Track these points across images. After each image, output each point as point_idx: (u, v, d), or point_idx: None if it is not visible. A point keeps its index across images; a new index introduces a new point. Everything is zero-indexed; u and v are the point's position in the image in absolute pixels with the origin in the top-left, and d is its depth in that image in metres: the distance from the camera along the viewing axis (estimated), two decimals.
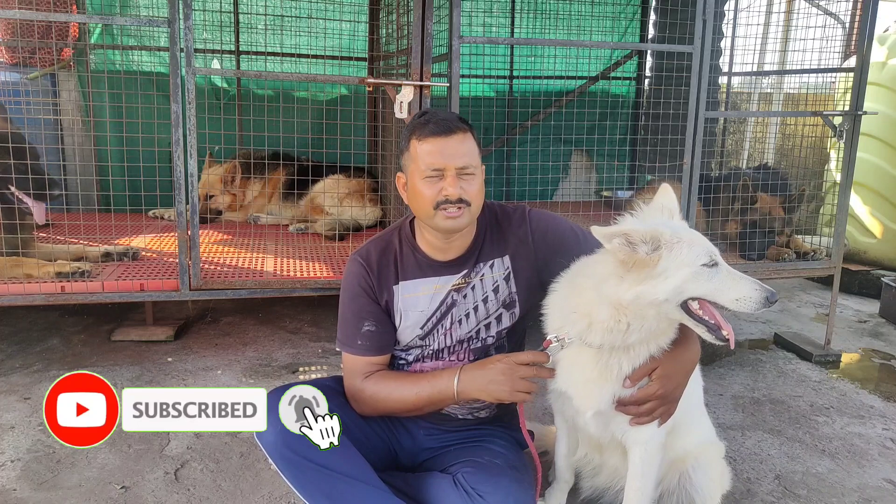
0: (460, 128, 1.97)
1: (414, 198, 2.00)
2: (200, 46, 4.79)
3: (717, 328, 1.74)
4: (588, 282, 1.84)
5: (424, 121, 1.98)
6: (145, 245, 3.75)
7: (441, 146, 1.94)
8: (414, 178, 1.98)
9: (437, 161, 1.93)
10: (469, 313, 2.13)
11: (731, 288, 1.71)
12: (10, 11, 2.84)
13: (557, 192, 5.41)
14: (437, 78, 3.15)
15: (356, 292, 2.09)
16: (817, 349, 3.78)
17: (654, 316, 1.74)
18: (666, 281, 1.69)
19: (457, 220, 1.96)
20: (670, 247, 1.70)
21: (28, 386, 3.08)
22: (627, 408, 1.87)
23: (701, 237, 1.76)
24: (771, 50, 5.24)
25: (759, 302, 1.69)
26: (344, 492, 1.84)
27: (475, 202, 1.98)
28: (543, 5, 5.38)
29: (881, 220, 5.20)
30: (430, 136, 1.94)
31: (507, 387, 1.92)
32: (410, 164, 2.00)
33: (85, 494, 2.31)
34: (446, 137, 1.94)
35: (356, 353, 2.09)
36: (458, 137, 1.96)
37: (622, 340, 1.79)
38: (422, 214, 2.01)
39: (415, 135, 1.98)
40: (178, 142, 2.89)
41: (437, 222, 1.97)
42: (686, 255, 1.70)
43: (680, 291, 1.70)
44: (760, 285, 1.70)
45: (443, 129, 1.95)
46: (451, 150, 1.94)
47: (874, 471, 2.66)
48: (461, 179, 1.95)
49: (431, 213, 1.96)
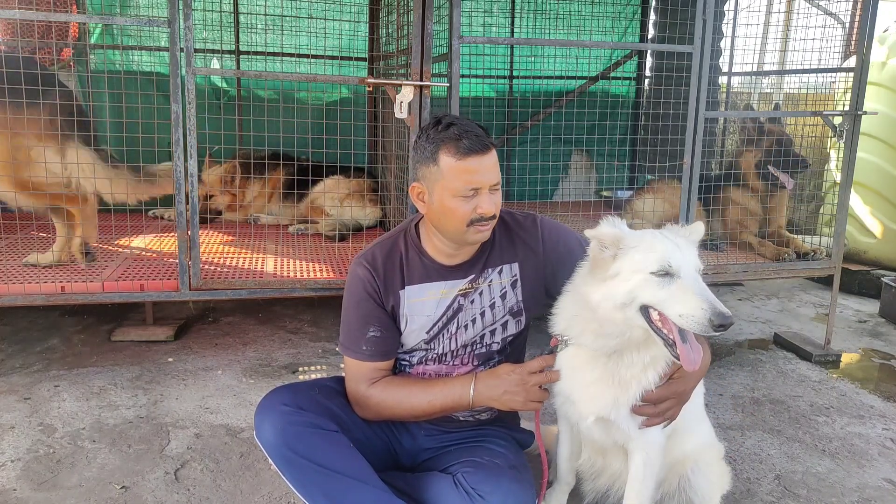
0: (492, 143, 1.94)
1: (443, 215, 1.93)
2: (200, 46, 4.79)
3: (671, 344, 1.70)
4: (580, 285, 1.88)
5: (456, 135, 1.88)
6: (145, 245, 3.75)
7: (478, 165, 1.89)
8: (443, 195, 1.91)
9: (475, 181, 1.89)
10: (475, 318, 2.12)
11: (678, 301, 1.64)
12: (10, 11, 2.84)
13: (557, 192, 5.41)
14: (437, 78, 3.15)
15: (361, 297, 2.06)
16: (817, 349, 3.78)
17: (622, 321, 1.74)
18: (620, 284, 1.72)
19: (486, 233, 1.97)
20: (626, 251, 1.73)
21: (28, 386, 3.08)
22: (643, 408, 1.86)
23: (667, 248, 1.69)
24: (771, 50, 5.24)
25: (701, 324, 1.59)
26: (344, 491, 1.85)
27: (499, 213, 2.00)
28: (543, 5, 5.38)
29: (881, 220, 5.20)
30: (468, 154, 1.88)
31: (521, 397, 1.95)
32: (438, 179, 1.91)
33: (85, 494, 2.31)
34: (483, 156, 1.89)
35: (361, 358, 2.07)
36: (493, 153, 1.93)
37: (608, 345, 1.80)
38: (450, 230, 1.96)
39: (446, 150, 1.89)
40: (177, 142, 2.89)
41: (468, 237, 1.96)
42: (638, 260, 1.70)
43: (633, 297, 1.71)
44: (711, 306, 1.59)
45: (480, 147, 1.88)
46: (487, 168, 1.91)
47: (874, 471, 2.66)
48: (492, 194, 1.93)
49: (463, 230, 1.93)
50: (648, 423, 1.88)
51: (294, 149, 4.39)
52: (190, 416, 2.87)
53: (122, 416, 2.84)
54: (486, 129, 1.97)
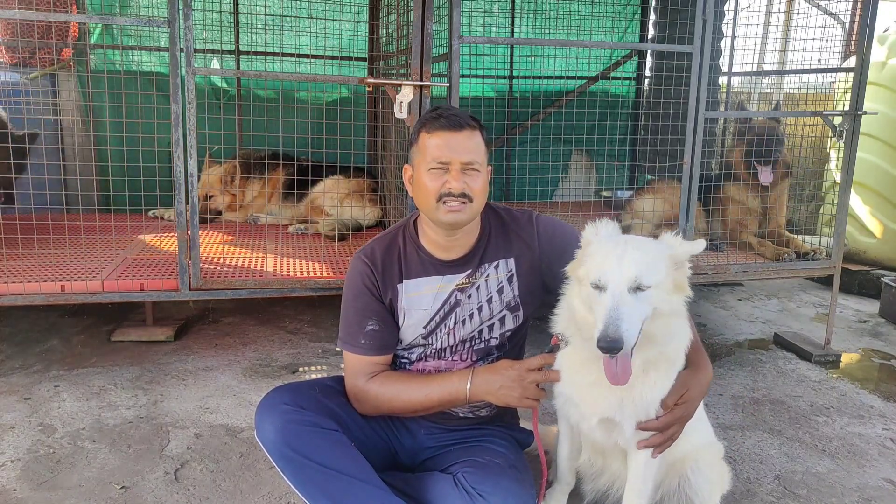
0: (470, 124, 1.99)
1: (418, 189, 2.02)
2: (200, 46, 4.79)
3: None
4: None
5: (436, 115, 2.01)
6: (145, 245, 3.75)
7: (448, 140, 1.96)
8: (420, 171, 2.00)
9: (443, 154, 1.95)
10: (473, 313, 2.13)
11: (596, 315, 1.69)
12: (10, 11, 2.84)
13: (557, 192, 5.41)
14: (437, 78, 3.15)
15: (360, 290, 2.09)
16: (817, 349, 3.78)
17: (593, 323, 1.74)
18: (582, 289, 1.78)
19: (458, 214, 1.97)
20: (587, 258, 1.78)
21: (28, 386, 3.08)
22: (653, 439, 1.88)
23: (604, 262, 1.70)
24: (771, 50, 5.24)
25: (595, 339, 1.64)
26: (344, 491, 1.85)
27: (478, 199, 2.00)
28: (543, 5, 5.38)
29: (881, 220, 5.20)
30: (439, 129, 1.97)
31: (517, 393, 1.96)
32: (417, 156, 2.03)
33: (85, 494, 2.31)
34: (454, 132, 1.97)
35: (359, 352, 2.08)
36: (467, 133, 1.98)
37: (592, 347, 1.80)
38: (424, 207, 2.02)
39: (424, 128, 2.01)
40: (177, 142, 2.89)
41: (439, 216, 1.98)
42: (587, 269, 1.75)
43: (588, 304, 1.76)
44: (605, 326, 1.62)
45: (452, 124, 1.97)
46: (458, 144, 1.96)
47: (874, 471, 2.66)
48: (465, 175, 1.96)
49: (434, 206, 1.97)
50: (656, 451, 1.91)
51: (294, 149, 4.40)
52: (190, 416, 2.87)
53: (122, 417, 2.84)
54: (476, 118, 2.03)
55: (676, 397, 1.87)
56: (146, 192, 3.25)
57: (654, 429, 1.88)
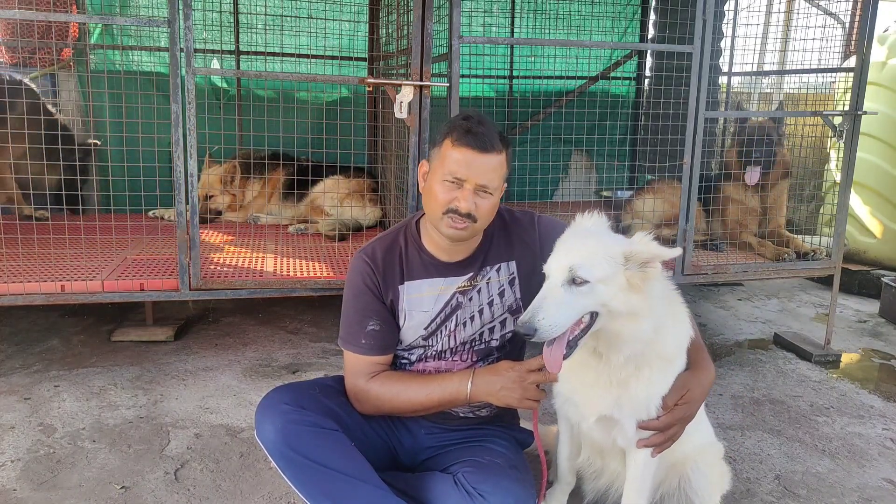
0: (496, 148, 1.95)
1: (428, 193, 2.01)
2: (200, 46, 4.79)
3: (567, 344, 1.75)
4: None
5: (466, 129, 1.94)
6: (145, 245, 3.75)
7: (471, 159, 1.92)
8: (434, 176, 1.98)
9: (460, 171, 1.93)
10: (474, 316, 2.13)
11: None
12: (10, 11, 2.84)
13: (557, 192, 5.41)
14: (437, 78, 3.15)
15: (361, 290, 2.09)
16: (817, 349, 3.78)
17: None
18: None
19: (459, 231, 1.97)
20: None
21: (28, 386, 3.08)
22: (653, 438, 1.89)
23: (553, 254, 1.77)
24: (771, 50, 5.24)
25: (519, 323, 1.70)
26: (344, 491, 1.85)
27: (482, 220, 1.99)
28: (543, 5, 5.38)
29: (881, 220, 5.20)
30: (465, 146, 1.92)
31: (517, 394, 1.96)
32: (436, 160, 2.00)
33: (85, 494, 2.31)
34: (479, 154, 1.93)
35: (359, 352, 2.08)
36: (491, 157, 1.94)
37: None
38: (429, 212, 2.02)
39: (451, 136, 1.95)
40: (177, 142, 2.89)
41: (441, 227, 1.98)
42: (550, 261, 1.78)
43: None
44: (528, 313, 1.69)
45: (480, 145, 1.92)
46: (479, 166, 1.93)
47: (874, 471, 2.66)
48: (476, 195, 1.95)
49: (438, 216, 1.97)
50: (656, 451, 1.91)
51: (294, 149, 4.40)
52: (190, 416, 2.87)
53: (122, 417, 2.84)
54: (505, 137, 2.00)
55: (677, 397, 1.87)
56: (146, 192, 3.25)
57: (655, 428, 1.88)
